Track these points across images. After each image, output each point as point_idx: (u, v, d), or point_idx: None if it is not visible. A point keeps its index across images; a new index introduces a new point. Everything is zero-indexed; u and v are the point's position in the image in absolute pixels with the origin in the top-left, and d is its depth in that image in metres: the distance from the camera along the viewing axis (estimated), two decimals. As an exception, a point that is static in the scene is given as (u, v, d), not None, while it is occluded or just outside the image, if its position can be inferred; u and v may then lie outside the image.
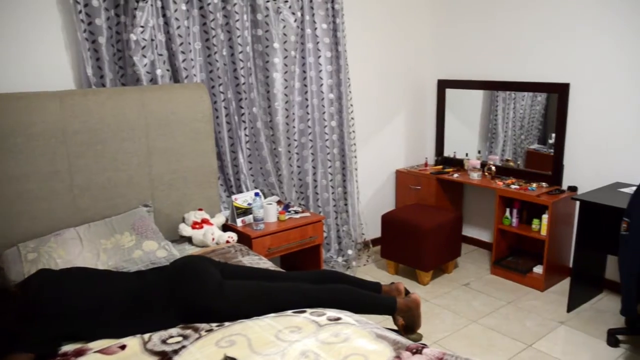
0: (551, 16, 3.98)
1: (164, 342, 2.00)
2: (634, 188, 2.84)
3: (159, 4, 3.17)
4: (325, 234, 4.20)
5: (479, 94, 4.64)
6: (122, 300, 2.19)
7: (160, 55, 3.24)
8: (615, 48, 3.65)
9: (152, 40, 3.18)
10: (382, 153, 4.80)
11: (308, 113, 4.02)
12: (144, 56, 3.15)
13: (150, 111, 3.11)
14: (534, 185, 4.10)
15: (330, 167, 4.21)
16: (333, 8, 3.96)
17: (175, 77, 3.36)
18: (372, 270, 4.39)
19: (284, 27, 3.74)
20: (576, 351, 3.14)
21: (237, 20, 3.51)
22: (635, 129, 3.63)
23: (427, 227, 3.93)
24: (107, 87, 3.09)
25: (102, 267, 2.60)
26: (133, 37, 3.06)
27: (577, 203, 3.49)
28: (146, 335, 2.05)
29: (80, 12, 2.91)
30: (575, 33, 3.85)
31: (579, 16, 3.82)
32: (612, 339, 3.20)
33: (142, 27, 3.09)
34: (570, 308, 3.62)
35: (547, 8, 4.00)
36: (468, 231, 4.95)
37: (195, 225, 3.24)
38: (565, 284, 3.96)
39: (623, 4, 3.57)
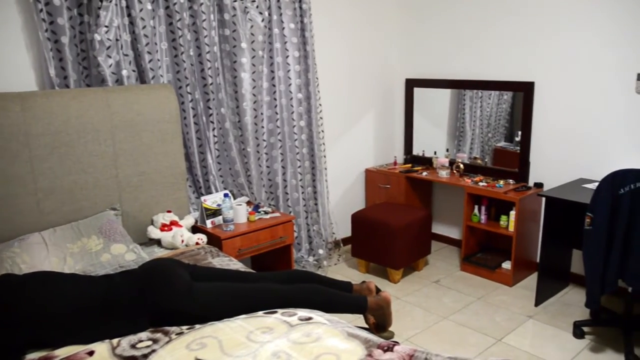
0: (517, 17, 4.06)
1: (133, 346, 1.97)
2: (597, 184, 2.92)
3: (124, 3, 3.12)
4: (295, 234, 4.20)
5: (446, 93, 4.70)
6: (90, 305, 2.14)
7: (126, 55, 3.19)
8: (578, 47, 3.74)
9: (117, 40, 3.12)
10: (352, 152, 4.82)
11: (277, 113, 4.01)
12: (109, 56, 3.10)
13: (116, 112, 3.06)
14: (502, 182, 4.17)
15: (299, 166, 4.21)
16: (301, 8, 3.96)
17: (142, 78, 3.31)
18: (343, 269, 4.40)
19: (252, 26, 3.73)
20: (544, 344, 3.21)
21: (204, 20, 3.48)
22: (597, 127, 3.73)
23: (397, 225, 3.96)
24: (71, 88, 3.02)
25: (68, 272, 2.55)
26: (97, 37, 3.01)
27: (543, 199, 3.56)
28: (115, 340, 2.02)
29: (41, 11, 2.83)
30: (540, 33, 3.94)
31: (543, 17, 3.90)
32: (578, 331, 3.28)
33: (106, 27, 3.04)
34: (537, 302, 3.69)
35: (512, 9, 4.08)
36: (437, 229, 5.01)
37: (164, 227, 3.20)
38: (532, 279, 4.04)
39: (584, 5, 3.67)
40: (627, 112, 3.58)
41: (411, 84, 4.93)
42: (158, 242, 3.22)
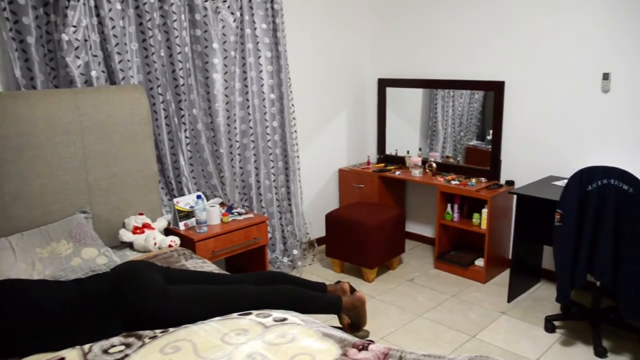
0: (487, 17, 4.12)
1: (105, 352, 1.93)
2: (566, 181, 2.98)
3: (92, 3, 3.07)
4: (269, 235, 4.19)
5: (418, 93, 4.74)
6: (59, 311, 2.09)
7: (95, 56, 3.14)
8: (546, 48, 3.81)
9: (86, 40, 3.07)
10: (325, 152, 4.83)
11: (249, 114, 3.99)
12: (78, 57, 3.04)
13: (85, 114, 3.01)
14: (474, 180, 4.22)
15: (272, 167, 4.20)
16: (272, 8, 3.95)
17: (112, 79, 3.26)
18: (317, 270, 4.40)
19: (223, 27, 3.70)
20: (516, 339, 3.26)
21: (175, 21, 3.44)
22: (566, 125, 3.80)
23: (370, 224, 3.98)
24: (38, 89, 2.96)
25: (37, 277, 2.50)
26: (65, 37, 2.95)
27: (515, 197, 3.62)
28: (86, 346, 1.98)
29: (4, 9, 2.77)
30: (510, 34, 4.00)
31: (513, 18, 3.97)
32: (549, 325, 3.34)
33: (74, 26, 2.99)
34: (510, 298, 3.75)
35: (484, 10, 4.14)
36: (411, 227, 5.05)
37: (136, 230, 3.16)
38: (505, 275, 4.10)
39: (552, 7, 3.74)
40: (594, 110, 3.66)
41: (383, 84, 4.96)
42: (130, 245, 3.18)
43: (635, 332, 3.16)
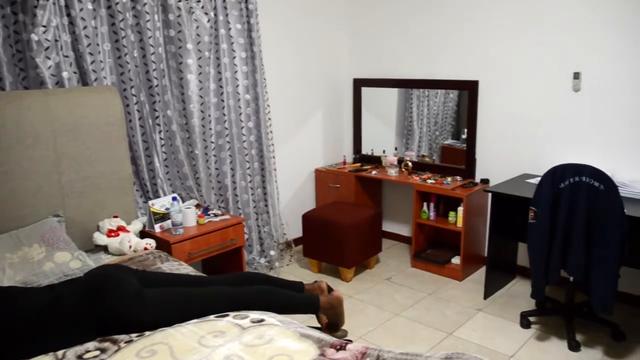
0: (460, 18, 4.17)
1: (79, 357, 1.90)
2: (539, 179, 3.02)
3: (62, 2, 3.01)
4: (246, 236, 4.17)
5: (394, 92, 4.77)
6: (31, 318, 2.04)
7: (66, 56, 3.09)
8: (519, 48, 3.87)
9: (57, 40, 3.01)
10: (301, 153, 4.83)
11: (224, 114, 3.97)
12: (48, 58, 2.99)
13: (57, 116, 2.96)
14: (449, 179, 4.26)
15: (249, 168, 4.18)
16: (247, 8, 3.93)
17: (84, 80, 3.21)
18: (295, 270, 4.40)
19: (197, 27, 3.68)
20: (493, 336, 3.30)
21: (148, 21, 3.41)
22: (539, 123, 3.86)
23: (347, 224, 3.99)
24: (7, 90, 2.90)
25: (8, 283, 2.44)
26: (34, 37, 2.89)
27: (490, 195, 3.66)
28: (60, 352, 1.94)
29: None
30: (483, 34, 4.05)
31: (486, 19, 4.02)
32: (525, 321, 3.39)
33: (44, 26, 2.93)
34: (486, 295, 3.80)
35: (456, 11, 4.18)
36: (388, 226, 5.07)
37: (111, 233, 3.12)
38: (481, 273, 4.15)
39: (524, 8, 3.79)
40: (565, 109, 3.72)
41: (359, 84, 4.97)
42: (105, 249, 3.13)
43: (607, 326, 3.22)
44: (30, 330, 2.02)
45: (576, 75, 3.62)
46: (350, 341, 1.97)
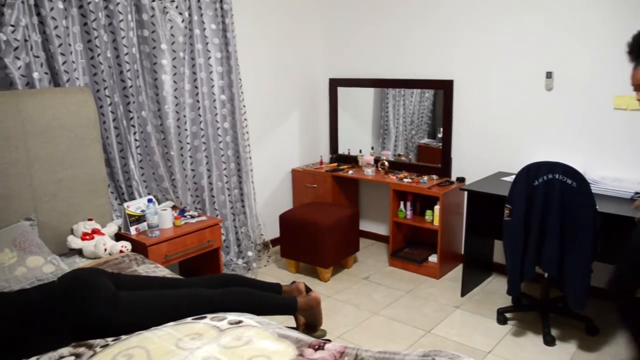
0: (436, 18, 4.20)
1: (54, 363, 1.87)
2: (514, 176, 3.06)
3: (32, 1, 2.95)
4: (223, 237, 4.14)
5: (370, 92, 4.78)
6: (3, 324, 2.00)
7: (37, 57, 3.03)
8: (493, 47, 3.92)
9: (26, 40, 2.95)
10: (277, 153, 4.81)
11: (200, 115, 3.94)
12: (18, 58, 2.93)
13: (28, 117, 2.90)
14: (426, 178, 4.29)
15: (225, 169, 4.15)
16: (222, 8, 3.91)
17: (56, 81, 3.15)
18: (273, 271, 4.38)
19: (172, 27, 3.64)
20: (470, 332, 3.33)
21: (122, 21, 3.36)
22: (513, 122, 3.92)
23: (325, 224, 3.99)
24: (-24, 92, 2.84)
25: (-21, 289, 2.39)
26: (2, 36, 2.83)
27: (465, 193, 3.70)
28: (33, 359, 1.90)
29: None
30: (458, 34, 4.09)
31: (460, 18, 4.06)
32: (501, 317, 3.43)
33: (12, 26, 2.87)
34: (463, 292, 3.83)
35: (431, 11, 4.21)
36: (365, 226, 5.09)
37: (86, 236, 3.07)
38: (458, 271, 4.18)
39: (498, 8, 3.84)
40: (539, 108, 3.78)
41: (335, 84, 4.98)
42: (79, 252, 3.08)
43: (582, 320, 3.28)
44: (3, 336, 1.97)
45: (549, 75, 3.68)
46: (329, 341, 1.97)
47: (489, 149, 4.08)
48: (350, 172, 4.65)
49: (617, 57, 3.41)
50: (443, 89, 4.25)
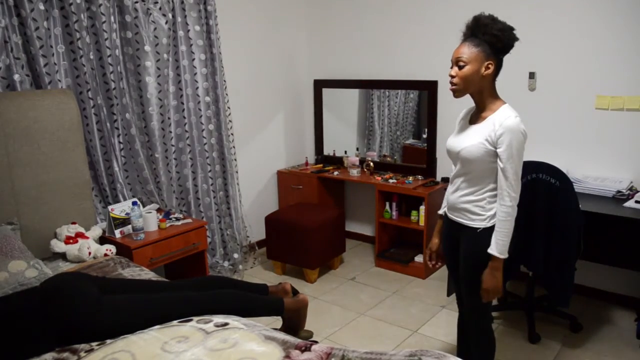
0: (420, 19, 4.22)
1: (37, 368, 1.85)
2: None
3: (11, 2, 2.91)
4: (209, 239, 4.12)
5: (354, 93, 4.79)
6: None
7: (18, 59, 2.99)
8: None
9: (6, 42, 2.91)
10: (263, 154, 4.80)
11: (185, 117, 3.92)
12: (-2, 60, 2.89)
13: (8, 120, 2.86)
14: (411, 178, 4.31)
15: (210, 171, 4.13)
16: (206, 10, 3.89)
17: (37, 83, 3.12)
18: (259, 272, 4.37)
19: (155, 29, 3.62)
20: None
21: (104, 22, 3.33)
22: (495, 122, 3.94)
23: (311, 225, 3.99)
24: (-44, 95, 2.80)
25: (-40, 294, 2.35)
26: (-17, 39, 2.80)
27: (449, 193, 3.70)
28: (17, 364, 1.89)
29: None
30: (441, 34, 4.11)
31: (443, 19, 4.08)
32: (487, 317, 3.44)
33: (-7, 28, 2.84)
34: (449, 292, 3.83)
35: (414, 11, 4.23)
36: (351, 227, 5.09)
37: (69, 240, 3.03)
38: (444, 270, 4.18)
39: (480, 8, 3.85)
40: (522, 108, 3.76)
41: (320, 85, 4.98)
42: (63, 256, 3.05)
43: (566, 318, 3.31)
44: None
45: (531, 75, 3.71)
46: (316, 342, 1.97)
47: (473, 149, 4.10)
48: (336, 173, 4.66)
49: (599, 57, 3.47)
50: (428, 90, 4.27)
